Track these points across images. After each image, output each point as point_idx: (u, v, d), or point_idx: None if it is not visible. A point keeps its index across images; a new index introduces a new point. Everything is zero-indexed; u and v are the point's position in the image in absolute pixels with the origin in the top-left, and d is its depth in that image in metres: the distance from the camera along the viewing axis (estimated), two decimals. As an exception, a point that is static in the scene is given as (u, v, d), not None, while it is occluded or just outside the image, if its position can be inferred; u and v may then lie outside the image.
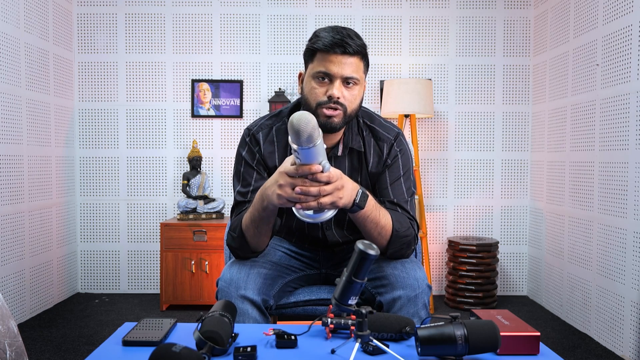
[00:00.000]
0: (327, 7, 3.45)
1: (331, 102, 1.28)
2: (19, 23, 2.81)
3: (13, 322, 1.03)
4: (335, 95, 1.27)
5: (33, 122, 2.95)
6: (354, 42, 1.26)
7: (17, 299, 2.79)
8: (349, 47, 1.25)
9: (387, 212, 1.30)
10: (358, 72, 1.29)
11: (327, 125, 1.30)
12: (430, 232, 3.52)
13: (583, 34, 2.84)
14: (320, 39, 1.28)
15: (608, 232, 2.58)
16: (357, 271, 0.96)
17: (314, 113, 1.31)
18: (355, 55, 1.28)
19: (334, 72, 1.27)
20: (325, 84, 1.29)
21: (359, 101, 1.34)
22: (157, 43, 3.46)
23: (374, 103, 3.48)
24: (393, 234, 1.30)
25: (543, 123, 3.31)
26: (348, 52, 1.26)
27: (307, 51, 1.33)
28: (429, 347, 0.95)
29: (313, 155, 1.10)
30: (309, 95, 1.32)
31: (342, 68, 1.26)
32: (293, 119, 1.03)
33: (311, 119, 1.04)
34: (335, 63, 1.26)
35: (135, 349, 1.03)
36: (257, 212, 1.25)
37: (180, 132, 3.48)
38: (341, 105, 1.29)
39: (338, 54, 1.26)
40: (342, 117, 1.30)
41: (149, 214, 3.50)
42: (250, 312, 1.28)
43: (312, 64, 1.31)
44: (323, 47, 1.26)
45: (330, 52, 1.26)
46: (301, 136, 1.04)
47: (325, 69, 1.27)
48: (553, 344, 2.60)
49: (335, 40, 1.25)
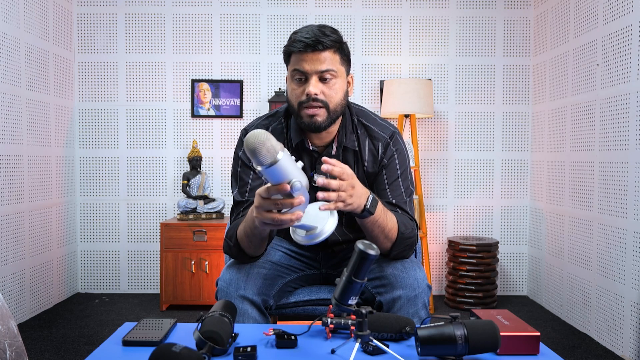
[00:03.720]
0: (327, 7, 3.45)
1: (310, 100, 1.28)
2: (19, 23, 2.81)
3: (13, 322, 1.03)
4: (312, 92, 1.28)
5: (33, 122, 2.95)
6: (326, 38, 1.27)
7: (17, 299, 2.79)
8: (319, 44, 1.26)
9: (393, 216, 1.29)
10: (334, 64, 1.29)
11: (312, 125, 1.30)
12: (430, 232, 3.52)
13: (583, 34, 2.84)
14: (293, 41, 1.30)
15: (608, 232, 2.57)
16: (357, 271, 0.95)
17: (297, 114, 1.32)
18: (328, 49, 1.28)
19: (308, 69, 1.28)
20: (302, 83, 1.30)
21: (342, 95, 1.33)
22: (157, 43, 3.46)
23: (374, 103, 3.48)
24: (398, 237, 1.30)
25: (543, 123, 3.31)
26: (318, 48, 1.27)
27: (284, 54, 1.35)
28: (429, 347, 0.95)
29: (277, 174, 1.00)
30: (291, 97, 1.34)
31: (315, 64, 1.27)
32: (246, 139, 0.98)
33: (261, 134, 0.98)
34: (308, 60, 1.28)
35: (135, 349, 1.03)
36: (250, 228, 1.23)
37: (180, 132, 3.48)
38: (322, 102, 1.29)
39: (309, 52, 1.27)
40: (325, 114, 1.30)
41: (149, 214, 3.50)
42: (250, 312, 1.28)
43: (289, 65, 1.34)
44: (295, 49, 1.29)
45: (302, 52, 1.28)
46: (258, 154, 0.97)
47: (299, 67, 1.29)
48: (553, 344, 2.60)
49: (305, 41, 1.27)
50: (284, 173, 1.00)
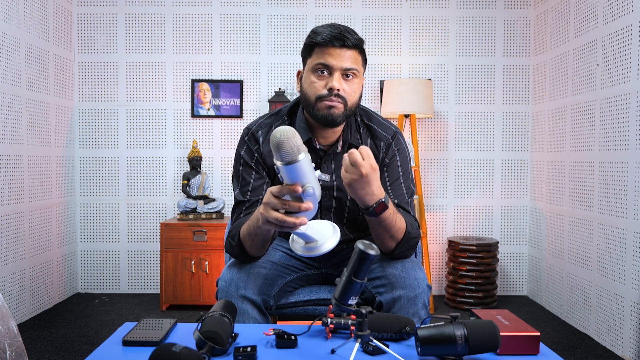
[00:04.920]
0: (327, 7, 3.45)
1: (332, 95, 1.28)
2: (19, 23, 2.81)
3: (13, 322, 1.03)
4: (335, 87, 1.28)
5: (33, 122, 2.95)
6: (352, 36, 1.28)
7: (17, 299, 2.79)
8: (347, 40, 1.27)
9: (402, 217, 1.29)
10: (357, 64, 1.30)
11: (328, 117, 1.30)
12: (430, 232, 3.52)
13: (583, 34, 2.84)
14: (318, 34, 1.29)
15: (608, 232, 2.57)
16: (357, 271, 0.95)
17: (313, 107, 1.31)
18: (354, 48, 1.29)
19: (333, 64, 1.28)
20: (324, 77, 1.30)
21: (359, 95, 1.35)
22: (157, 43, 3.46)
23: (374, 103, 3.48)
24: (404, 237, 1.29)
25: (543, 123, 3.31)
26: (347, 45, 1.27)
27: (305, 47, 1.34)
28: (429, 347, 0.95)
29: (294, 173, 1.02)
30: (309, 89, 1.32)
31: (341, 60, 1.27)
32: (274, 132, 1.01)
33: (289, 130, 1.01)
34: (334, 56, 1.27)
35: (135, 349, 1.03)
36: (254, 227, 1.23)
37: (180, 132, 3.48)
38: (342, 98, 1.29)
39: (336, 47, 1.27)
40: (343, 109, 1.31)
41: (149, 214, 3.50)
42: (250, 312, 1.28)
43: (310, 59, 1.32)
44: (322, 41, 1.28)
45: (329, 45, 1.27)
46: (281, 148, 0.99)
47: (324, 61, 1.28)
48: (553, 344, 2.60)
49: (333, 34, 1.27)
50: (301, 174, 1.02)
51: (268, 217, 1.09)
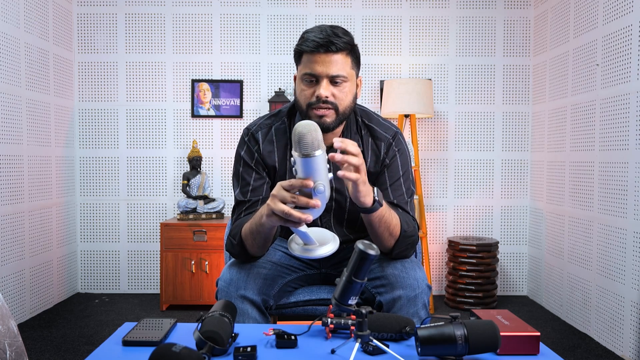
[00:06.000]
0: (327, 7, 3.45)
1: (320, 102, 1.28)
2: (19, 23, 2.81)
3: (13, 322, 1.03)
4: (322, 95, 1.27)
5: (33, 122, 2.95)
6: (339, 39, 1.26)
7: (17, 299, 2.79)
8: (332, 45, 1.25)
9: (395, 213, 1.30)
10: (345, 69, 1.29)
11: (321, 126, 1.29)
12: (430, 232, 3.52)
13: (583, 34, 2.84)
14: (305, 40, 1.29)
15: (608, 232, 2.57)
16: (357, 271, 0.95)
17: (305, 115, 1.31)
18: (340, 52, 1.28)
19: (319, 72, 1.27)
20: (312, 84, 1.30)
21: (351, 98, 1.34)
22: (157, 43, 3.46)
23: (374, 103, 3.48)
24: (401, 235, 1.30)
25: (543, 123, 3.31)
26: (331, 50, 1.26)
27: (295, 53, 1.34)
28: (429, 347, 0.95)
29: (309, 168, 1.03)
30: (300, 97, 1.33)
31: (328, 67, 1.27)
32: (297, 124, 1.03)
33: (312, 125, 1.03)
34: (320, 63, 1.27)
35: (135, 349, 1.03)
36: (256, 225, 1.23)
37: (180, 132, 3.48)
38: (331, 104, 1.29)
39: (321, 54, 1.26)
40: (334, 116, 1.30)
41: (149, 214, 3.50)
42: (250, 312, 1.28)
43: (300, 66, 1.33)
44: (307, 49, 1.28)
45: (314, 52, 1.27)
46: (301, 140, 1.01)
47: (310, 70, 1.28)
48: (553, 344, 2.60)
49: (318, 41, 1.26)
50: (315, 170, 1.03)
51: (275, 208, 1.08)
